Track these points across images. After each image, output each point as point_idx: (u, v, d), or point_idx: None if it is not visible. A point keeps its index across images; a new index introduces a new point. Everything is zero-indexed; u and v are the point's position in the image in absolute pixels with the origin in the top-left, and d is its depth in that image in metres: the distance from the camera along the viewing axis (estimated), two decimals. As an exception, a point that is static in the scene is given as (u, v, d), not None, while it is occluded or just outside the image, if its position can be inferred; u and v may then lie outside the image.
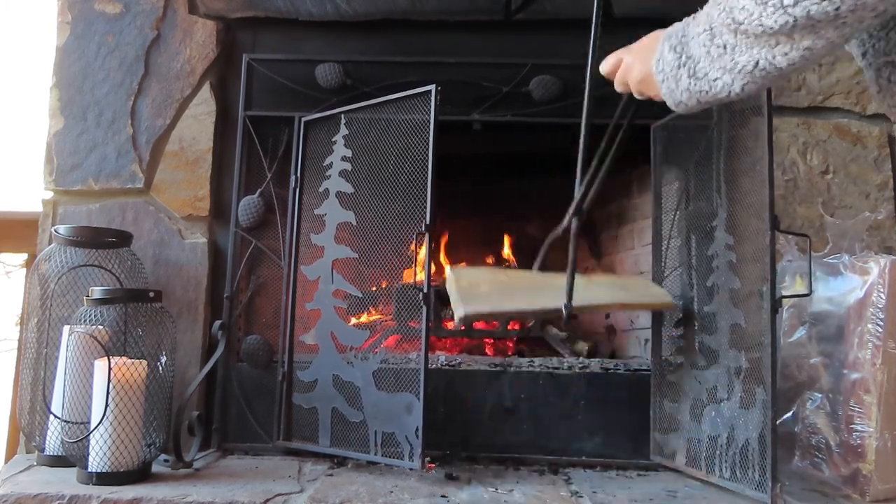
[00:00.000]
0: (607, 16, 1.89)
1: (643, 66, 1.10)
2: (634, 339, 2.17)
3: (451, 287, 1.48)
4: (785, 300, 1.55)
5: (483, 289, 1.47)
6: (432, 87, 1.64)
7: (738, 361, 1.53)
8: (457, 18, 1.93)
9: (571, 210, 1.32)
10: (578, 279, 1.35)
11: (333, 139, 1.81)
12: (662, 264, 1.81)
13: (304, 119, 1.87)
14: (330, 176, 1.80)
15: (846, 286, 1.56)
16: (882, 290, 1.50)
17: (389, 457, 1.59)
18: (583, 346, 2.04)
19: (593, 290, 1.59)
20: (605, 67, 1.23)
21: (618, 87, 1.21)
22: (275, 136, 1.92)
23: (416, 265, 1.60)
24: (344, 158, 1.79)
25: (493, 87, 1.88)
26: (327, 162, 1.81)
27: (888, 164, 1.87)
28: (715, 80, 0.94)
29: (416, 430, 1.55)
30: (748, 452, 1.46)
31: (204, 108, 1.95)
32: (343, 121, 1.80)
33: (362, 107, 1.78)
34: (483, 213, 2.49)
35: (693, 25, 0.97)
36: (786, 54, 0.86)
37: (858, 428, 1.50)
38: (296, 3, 1.92)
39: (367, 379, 1.65)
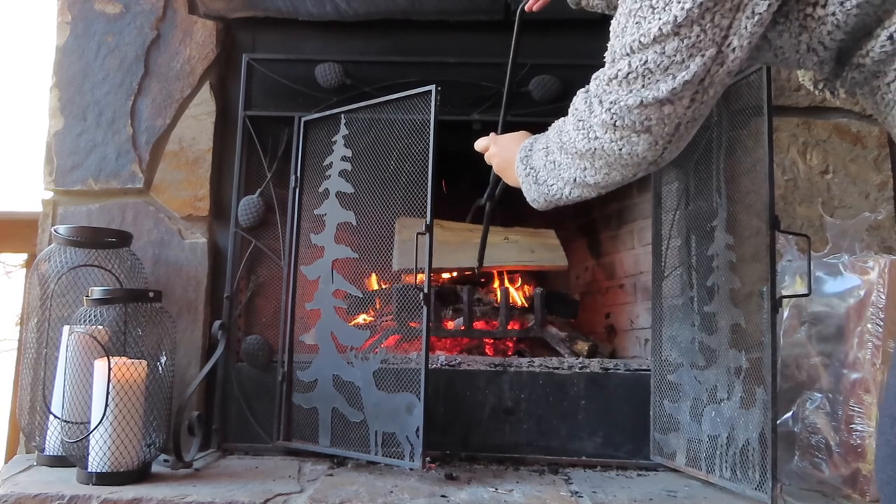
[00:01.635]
0: (607, 15, 1.90)
1: (500, 161, 1.36)
2: (634, 339, 2.16)
3: (395, 236, 1.81)
4: (785, 300, 1.55)
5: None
6: (432, 87, 1.64)
7: (738, 361, 1.53)
8: (457, 18, 1.93)
9: (485, 196, 1.61)
10: (496, 237, 1.75)
11: (333, 139, 1.81)
12: (662, 264, 1.81)
13: (303, 119, 1.87)
14: (330, 176, 1.80)
15: (846, 286, 1.56)
16: (882, 289, 1.50)
17: (390, 457, 1.59)
18: (583, 346, 2.03)
19: (505, 250, 2.12)
20: (477, 145, 1.45)
21: (487, 162, 1.45)
22: (275, 136, 1.93)
23: (416, 265, 1.60)
24: (344, 158, 1.79)
25: (493, 87, 1.88)
26: (327, 162, 1.81)
27: (888, 164, 1.87)
28: (552, 185, 1.16)
29: (417, 429, 1.55)
30: (748, 452, 1.46)
31: (204, 108, 1.95)
32: (343, 121, 1.80)
33: (362, 107, 1.78)
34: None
35: (538, 143, 1.21)
36: (592, 175, 1.08)
37: (858, 428, 1.50)
38: (296, 3, 1.92)
39: (367, 379, 1.65)
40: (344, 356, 1.70)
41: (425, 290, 1.58)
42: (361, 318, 1.92)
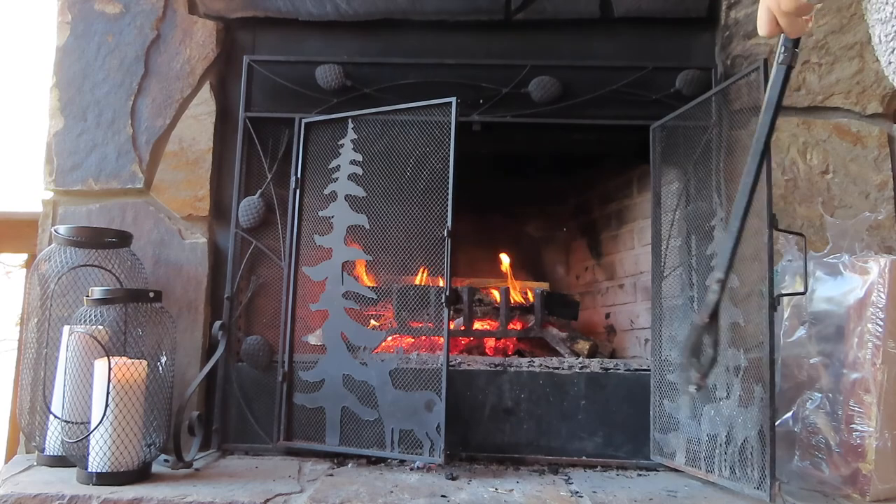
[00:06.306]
0: (607, 15, 1.91)
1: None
2: (634, 339, 2.17)
3: None
4: (784, 298, 1.55)
5: None
6: (452, 99, 1.67)
7: (737, 360, 1.53)
8: (457, 18, 1.93)
9: None
10: None
11: (340, 142, 1.82)
12: (662, 264, 1.81)
13: (305, 121, 1.87)
14: (337, 179, 1.80)
15: (846, 286, 1.56)
16: (882, 289, 1.50)
17: (407, 453, 1.63)
18: (583, 346, 2.04)
19: None
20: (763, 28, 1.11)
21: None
22: (275, 136, 1.92)
23: (446, 268, 1.63)
24: (353, 162, 1.79)
25: (493, 88, 1.88)
26: (333, 164, 1.81)
27: (888, 164, 1.87)
28: None
29: (438, 426, 1.60)
30: (747, 451, 1.47)
31: (204, 108, 1.94)
32: (351, 125, 1.81)
33: (372, 113, 1.79)
34: (481, 212, 2.49)
35: None
36: None
37: (858, 428, 1.50)
38: (296, 3, 1.92)
39: (383, 378, 1.67)
40: (357, 356, 1.71)
41: (447, 293, 1.62)
42: (374, 320, 1.92)
